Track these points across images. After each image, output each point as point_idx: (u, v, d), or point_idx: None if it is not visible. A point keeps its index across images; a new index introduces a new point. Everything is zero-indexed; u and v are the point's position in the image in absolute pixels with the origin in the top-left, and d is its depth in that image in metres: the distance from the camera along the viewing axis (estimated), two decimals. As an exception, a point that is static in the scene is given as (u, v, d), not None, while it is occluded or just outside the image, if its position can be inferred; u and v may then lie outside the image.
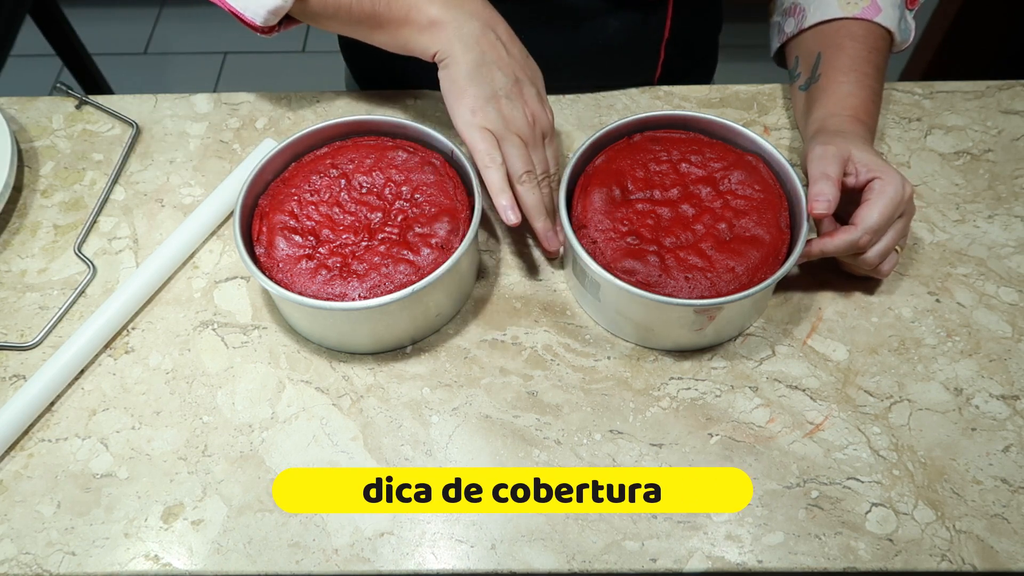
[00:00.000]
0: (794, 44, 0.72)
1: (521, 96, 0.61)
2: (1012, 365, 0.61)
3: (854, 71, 0.66)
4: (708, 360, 0.62)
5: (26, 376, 0.62)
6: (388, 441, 0.59)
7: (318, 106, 0.77)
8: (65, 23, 1.44)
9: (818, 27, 0.69)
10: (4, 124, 0.72)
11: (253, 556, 0.55)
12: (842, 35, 0.68)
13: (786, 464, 0.57)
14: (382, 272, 0.59)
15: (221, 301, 0.66)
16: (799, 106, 0.70)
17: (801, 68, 0.71)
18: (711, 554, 0.54)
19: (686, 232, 0.60)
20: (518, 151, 0.60)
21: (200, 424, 0.60)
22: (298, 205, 0.62)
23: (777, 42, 0.74)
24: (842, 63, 0.67)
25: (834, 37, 0.68)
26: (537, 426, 0.59)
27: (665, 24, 0.77)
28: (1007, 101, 0.75)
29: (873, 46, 0.67)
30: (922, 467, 0.57)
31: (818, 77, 0.68)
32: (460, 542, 0.55)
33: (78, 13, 1.64)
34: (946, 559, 0.53)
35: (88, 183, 0.73)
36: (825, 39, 0.68)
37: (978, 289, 0.64)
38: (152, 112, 0.77)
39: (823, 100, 0.66)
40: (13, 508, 0.57)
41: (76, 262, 0.68)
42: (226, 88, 1.98)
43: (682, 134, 0.65)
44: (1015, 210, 0.69)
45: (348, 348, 0.63)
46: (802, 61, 0.71)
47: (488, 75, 0.60)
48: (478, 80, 0.60)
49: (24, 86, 1.90)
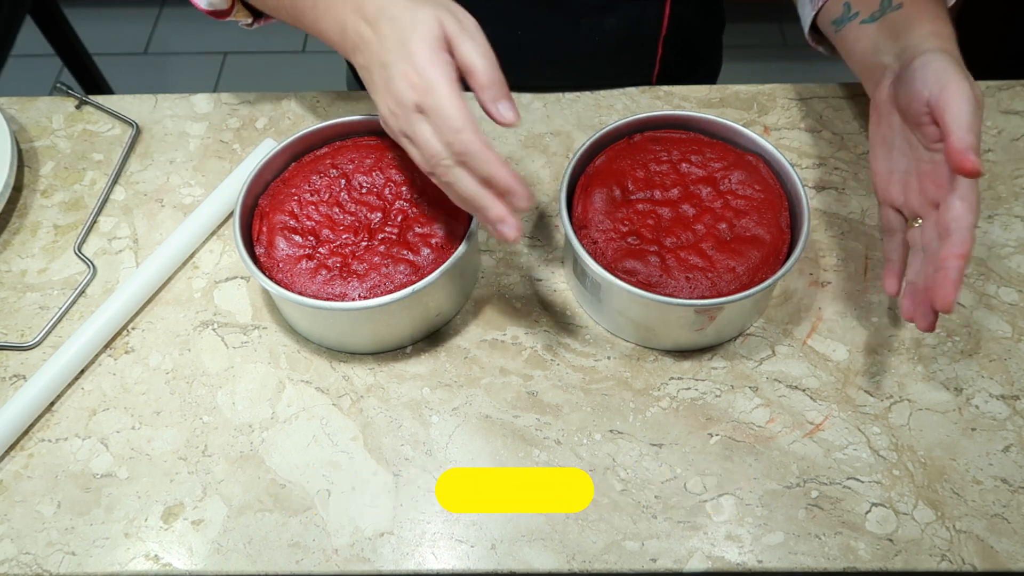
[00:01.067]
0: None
1: (387, 76, 0.52)
2: (1012, 365, 0.61)
3: (942, 3, 0.58)
4: (708, 360, 0.62)
5: (26, 376, 0.62)
6: (388, 441, 0.59)
7: (318, 106, 0.77)
8: (65, 23, 1.44)
9: None
10: (4, 124, 0.72)
11: (253, 556, 0.55)
12: None
13: (786, 464, 0.57)
14: (382, 272, 0.59)
15: (221, 301, 0.66)
16: (867, 38, 0.60)
17: (858, 7, 0.61)
18: (711, 554, 0.54)
19: (687, 232, 0.60)
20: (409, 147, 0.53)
21: (200, 424, 0.60)
22: (298, 205, 0.62)
23: (812, 8, 0.66)
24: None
25: None
26: (537, 426, 0.59)
27: (663, 20, 0.76)
28: (1007, 101, 0.75)
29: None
30: (922, 467, 0.57)
31: (898, 6, 0.58)
32: (460, 542, 0.55)
33: (78, 13, 1.64)
34: (946, 559, 0.53)
35: (88, 183, 0.73)
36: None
37: (978, 289, 0.64)
38: (152, 112, 0.77)
39: (924, 21, 0.56)
40: (13, 508, 0.57)
41: (76, 262, 0.68)
42: (226, 88, 1.98)
43: (682, 134, 0.65)
44: (1015, 210, 0.69)
45: (348, 348, 0.63)
46: (856, 3, 0.62)
47: (366, 78, 0.54)
48: (390, 76, 0.52)
49: (24, 86, 1.90)
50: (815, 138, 0.73)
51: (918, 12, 0.58)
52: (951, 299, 0.51)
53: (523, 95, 0.76)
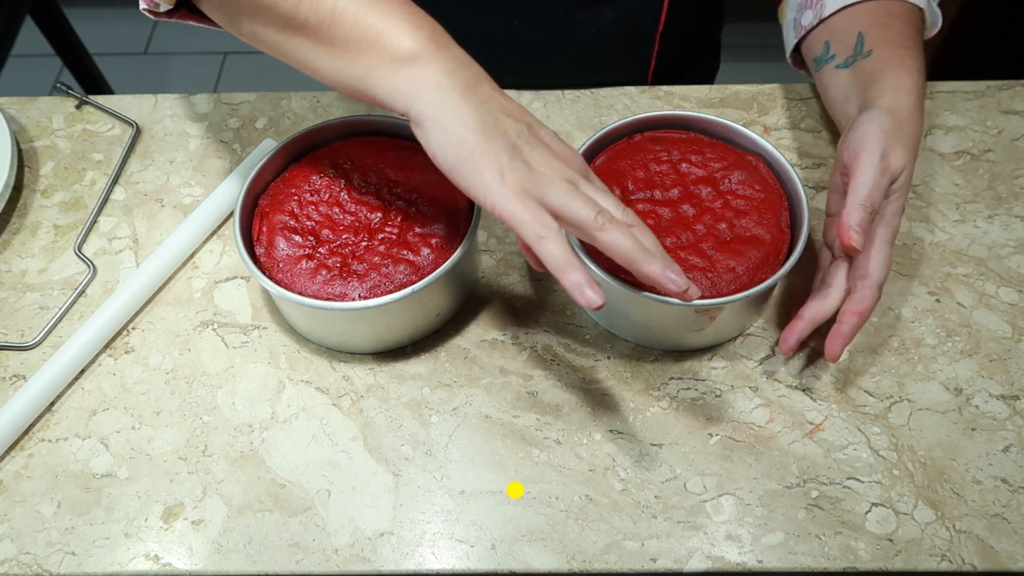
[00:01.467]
0: (818, 32, 0.67)
1: (540, 139, 0.48)
2: (1012, 365, 0.61)
3: (912, 48, 0.60)
4: (708, 360, 0.62)
5: (26, 376, 0.62)
6: (388, 441, 0.59)
7: (318, 106, 0.77)
8: (65, 23, 1.44)
9: (847, 10, 0.64)
10: (4, 124, 0.72)
11: (253, 556, 0.55)
12: (882, 14, 0.63)
13: (786, 464, 0.57)
14: (382, 272, 0.59)
15: (221, 301, 0.66)
16: (838, 85, 0.64)
17: (836, 50, 0.64)
18: (711, 554, 0.54)
19: (687, 232, 0.60)
20: (571, 197, 0.46)
21: (200, 424, 0.60)
22: (298, 205, 0.62)
23: (795, 37, 0.69)
24: (894, 39, 0.61)
25: (874, 16, 0.63)
26: (537, 426, 0.59)
27: (661, 15, 0.76)
28: (1007, 101, 0.75)
29: (916, 27, 0.63)
30: (922, 467, 0.57)
31: (868, 53, 0.61)
32: (460, 542, 0.55)
33: (78, 13, 1.64)
34: (946, 559, 0.53)
35: (88, 183, 0.73)
36: (863, 19, 0.63)
37: (978, 289, 0.64)
38: (152, 112, 0.77)
39: (887, 72, 0.59)
40: (13, 508, 0.57)
41: (76, 262, 0.68)
42: (226, 88, 1.98)
43: (682, 134, 0.65)
44: (1015, 210, 0.69)
45: (348, 348, 0.63)
46: (835, 44, 0.64)
47: (499, 126, 0.46)
48: (490, 134, 0.45)
49: (24, 86, 1.91)
50: (815, 138, 0.73)
51: (883, 61, 0.60)
52: (837, 352, 0.56)
53: (523, 93, 0.76)
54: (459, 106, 0.46)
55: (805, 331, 0.57)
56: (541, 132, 0.49)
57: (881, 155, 0.55)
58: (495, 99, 0.47)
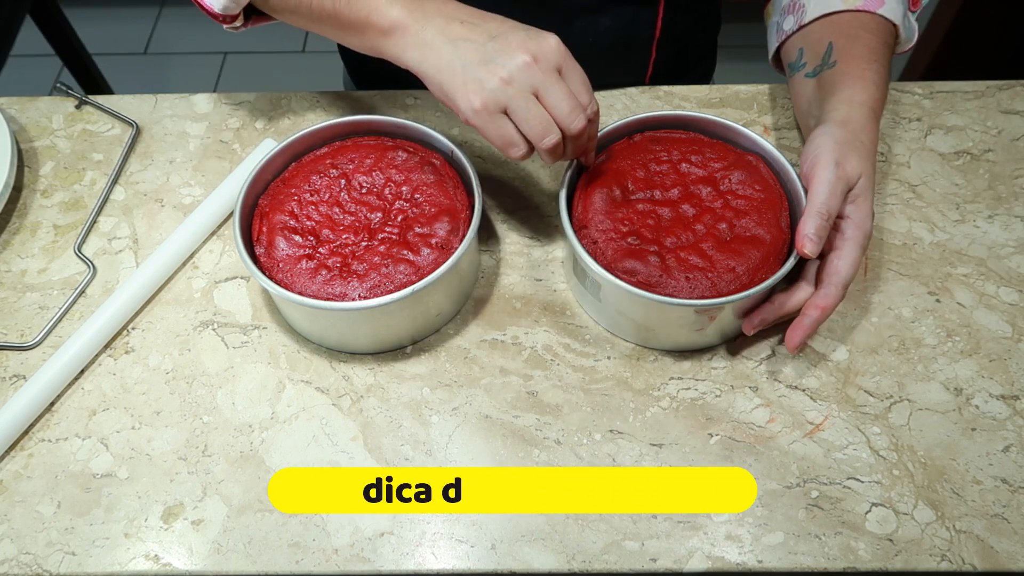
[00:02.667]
0: (796, 38, 0.70)
1: (508, 43, 0.54)
2: (1012, 365, 0.61)
3: (875, 61, 0.63)
4: (708, 360, 0.62)
5: (26, 376, 0.62)
6: (388, 441, 0.59)
7: (318, 106, 0.77)
8: (65, 23, 1.44)
9: (824, 19, 0.67)
10: (4, 124, 0.72)
11: (253, 556, 0.55)
12: (854, 26, 0.65)
13: (786, 464, 0.57)
14: (382, 272, 0.59)
15: (221, 301, 0.66)
16: (805, 94, 0.67)
17: (807, 58, 0.67)
18: (711, 554, 0.54)
19: (687, 232, 0.60)
20: (527, 111, 0.54)
21: (200, 424, 0.60)
22: (298, 205, 0.62)
23: (776, 41, 0.72)
24: (859, 52, 0.64)
25: (846, 28, 0.65)
26: (537, 426, 0.59)
27: (656, 23, 0.77)
28: (1007, 101, 0.75)
29: (885, 41, 0.65)
30: (922, 467, 0.57)
31: (833, 63, 0.64)
32: (460, 542, 0.55)
33: (78, 13, 1.64)
34: (946, 559, 0.53)
35: (88, 183, 0.73)
36: (835, 29, 0.66)
37: (978, 289, 0.64)
38: (152, 112, 0.77)
39: (845, 84, 0.62)
40: (13, 508, 0.57)
41: (76, 262, 0.68)
42: (226, 88, 1.98)
43: (682, 134, 0.65)
44: (1015, 210, 0.69)
45: (348, 348, 0.63)
46: (808, 52, 0.68)
47: (464, 52, 0.54)
48: (457, 67, 0.54)
49: (24, 86, 1.90)
50: (815, 138, 0.73)
51: (844, 73, 0.63)
52: (796, 342, 0.58)
53: (523, 95, 0.76)
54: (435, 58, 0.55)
55: (769, 314, 0.59)
56: (510, 35, 0.55)
57: (836, 164, 0.57)
58: (465, 29, 0.55)
